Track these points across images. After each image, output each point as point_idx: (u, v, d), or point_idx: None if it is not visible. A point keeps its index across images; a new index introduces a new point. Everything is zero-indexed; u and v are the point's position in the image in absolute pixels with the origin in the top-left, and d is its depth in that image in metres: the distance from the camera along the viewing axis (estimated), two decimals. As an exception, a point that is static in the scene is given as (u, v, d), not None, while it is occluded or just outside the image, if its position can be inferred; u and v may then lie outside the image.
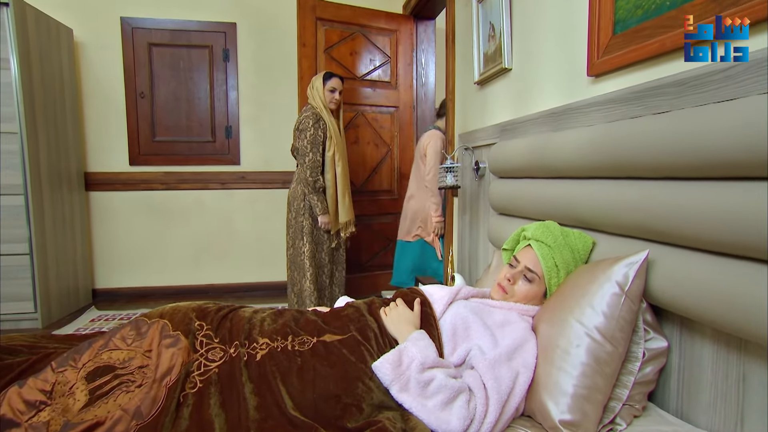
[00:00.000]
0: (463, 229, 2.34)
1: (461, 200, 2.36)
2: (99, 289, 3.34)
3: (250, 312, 1.08)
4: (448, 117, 2.53)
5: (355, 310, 1.08)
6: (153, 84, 3.23)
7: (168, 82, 3.25)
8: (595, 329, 0.91)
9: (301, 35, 2.70)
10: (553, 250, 1.12)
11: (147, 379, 0.91)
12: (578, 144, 1.18)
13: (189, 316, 1.03)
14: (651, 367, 0.95)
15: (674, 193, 0.87)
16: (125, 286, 3.36)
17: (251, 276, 3.50)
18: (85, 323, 2.78)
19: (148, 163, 3.29)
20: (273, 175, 3.46)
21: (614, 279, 0.92)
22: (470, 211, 2.23)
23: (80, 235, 3.13)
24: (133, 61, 3.19)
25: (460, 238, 2.38)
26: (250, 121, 3.40)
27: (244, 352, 0.96)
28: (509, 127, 1.75)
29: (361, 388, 0.89)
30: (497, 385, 0.89)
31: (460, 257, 2.36)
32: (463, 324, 1.03)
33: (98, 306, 3.17)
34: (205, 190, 3.39)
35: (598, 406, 0.88)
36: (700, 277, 0.81)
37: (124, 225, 3.32)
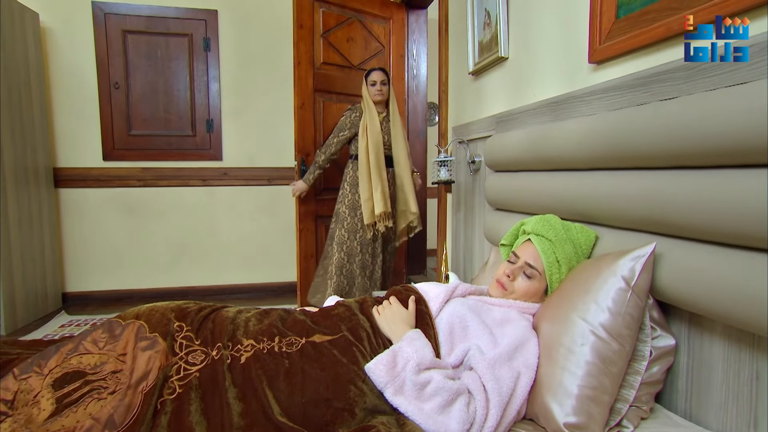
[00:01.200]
0: (457, 225, 2.33)
1: (455, 196, 2.35)
2: (70, 293, 3.27)
3: (234, 312, 1.05)
4: (441, 109, 2.52)
5: (346, 309, 1.06)
6: (128, 74, 3.16)
7: (144, 73, 3.19)
8: (601, 326, 0.89)
9: (299, 16, 2.65)
10: (554, 244, 1.11)
11: (121, 385, 0.88)
12: (580, 134, 1.17)
13: (167, 317, 1.01)
14: (658, 367, 0.94)
15: (683, 183, 0.86)
16: (98, 289, 3.29)
17: (234, 278, 3.45)
18: (54, 329, 2.71)
19: (123, 158, 3.22)
20: (257, 172, 3.42)
21: (620, 273, 0.91)
22: (465, 207, 2.22)
23: (49, 235, 3.05)
24: (107, 49, 3.12)
25: (454, 236, 2.37)
26: (233, 114, 3.35)
27: (228, 354, 0.93)
28: (506, 119, 1.74)
29: (353, 391, 0.87)
30: (498, 386, 0.87)
31: (455, 255, 2.35)
32: (460, 323, 1.02)
33: (69, 311, 3.09)
34: (184, 187, 3.33)
35: (605, 407, 0.87)
36: (711, 271, 0.80)
37: (97, 224, 3.25)
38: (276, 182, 3.44)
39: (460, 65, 2.26)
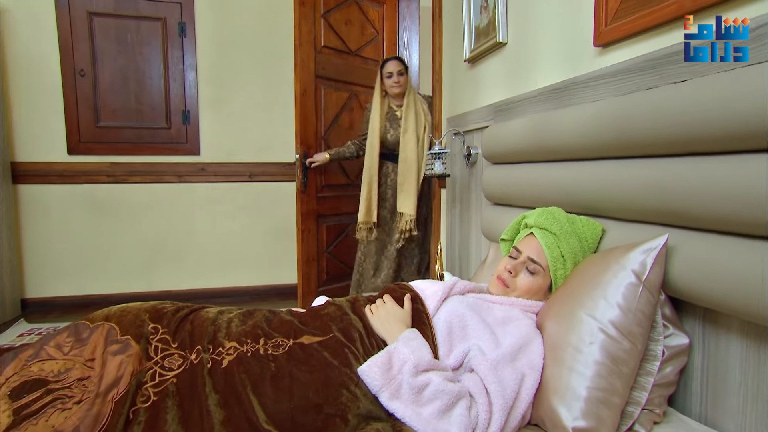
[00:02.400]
0: (452, 222, 2.32)
1: (450, 191, 2.34)
2: (30, 299, 3.19)
3: (215, 312, 1.04)
4: (435, 99, 2.51)
5: (336, 308, 1.05)
6: (95, 60, 3.10)
7: (113, 59, 3.13)
8: (610, 324, 0.89)
9: (300, -8, 2.60)
10: (558, 238, 1.10)
11: (89, 394, 0.86)
12: (585, 121, 1.17)
13: (141, 318, 0.98)
14: (671, 367, 0.94)
15: (697, 170, 0.86)
16: (62, 295, 3.22)
17: (213, 281, 3.41)
18: (12, 338, 2.64)
19: (91, 152, 3.16)
20: (237, 167, 3.38)
21: (630, 267, 0.91)
22: (460, 203, 2.21)
23: (6, 236, 2.98)
24: (71, 32, 3.05)
25: (449, 233, 2.36)
26: (211, 105, 3.31)
27: (208, 358, 0.92)
28: (504, 108, 1.74)
29: (345, 396, 0.86)
30: (501, 389, 0.87)
31: (450, 254, 2.35)
32: (459, 322, 1.01)
33: (29, 318, 3.02)
34: (158, 184, 3.28)
35: (616, 410, 0.86)
36: (729, 263, 0.80)
37: (62, 224, 3.18)
38: (258, 179, 3.41)
39: (455, 52, 2.25)
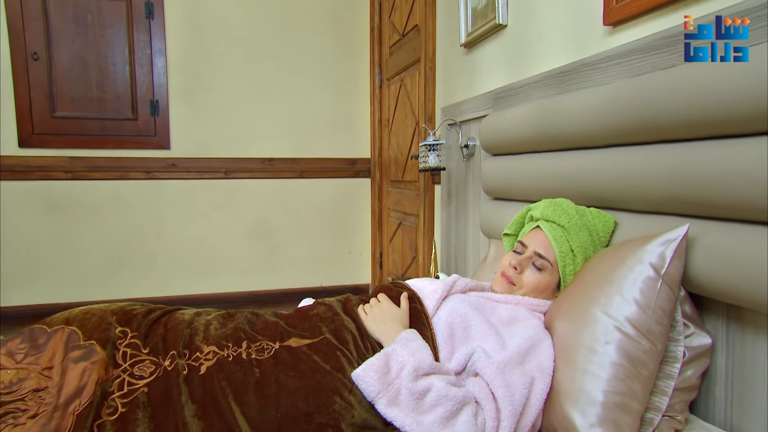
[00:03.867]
0: (448, 221, 2.32)
1: (445, 187, 2.34)
2: (-20, 308, 3.10)
3: (191, 314, 1.02)
4: (428, 88, 2.50)
5: (327, 308, 1.03)
6: (50, 43, 3.02)
7: (71, 42, 3.05)
8: (627, 322, 0.88)
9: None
10: (567, 231, 1.10)
11: (46, 407, 0.83)
12: (594, 105, 1.16)
13: (107, 321, 0.96)
14: (693, 370, 0.93)
15: (721, 154, 0.85)
16: (13, 304, 3.13)
17: (185, 288, 3.36)
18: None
19: (46, 144, 3.08)
20: (212, 163, 3.33)
21: (647, 260, 0.90)
22: (456, 199, 2.21)
23: (-43, 238, 2.89)
24: (21, 10, 2.96)
25: (445, 232, 2.36)
26: (183, 95, 3.26)
27: (184, 364, 0.90)
28: (505, 94, 1.73)
29: (338, 403, 0.85)
30: (509, 394, 0.86)
31: (445, 255, 2.34)
32: (461, 322, 1.01)
33: (-21, 329, 2.93)
34: (124, 181, 3.22)
35: (635, 417, 0.85)
36: (755, 254, 0.79)
37: (12, 225, 3.09)
38: (235, 175, 3.37)
39: (450, 37, 2.25)
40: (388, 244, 3.38)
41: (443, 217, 2.38)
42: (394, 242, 3.24)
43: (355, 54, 3.52)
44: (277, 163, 3.42)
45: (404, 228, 3.03)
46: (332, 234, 3.57)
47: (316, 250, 3.54)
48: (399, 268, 3.13)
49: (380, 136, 3.46)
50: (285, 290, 3.46)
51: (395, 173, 3.18)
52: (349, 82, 3.52)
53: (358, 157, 3.58)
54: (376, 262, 3.55)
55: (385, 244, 3.44)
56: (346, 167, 3.56)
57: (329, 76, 3.47)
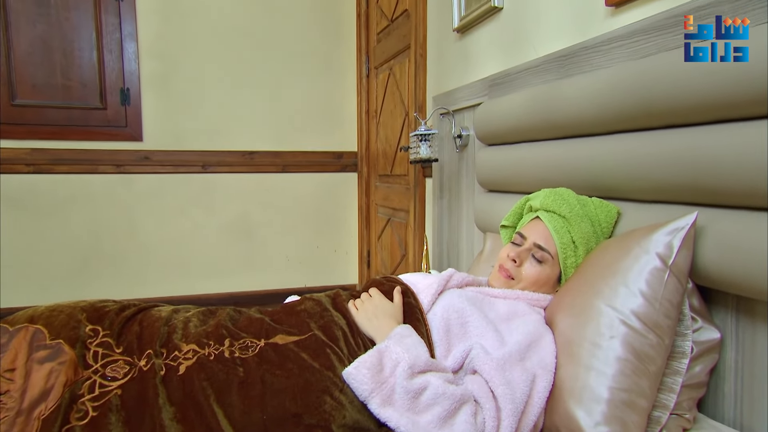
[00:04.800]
0: (440, 215, 2.32)
1: (437, 179, 2.34)
2: (-62, 312, 3.03)
3: (168, 311, 1.01)
4: (418, 76, 2.50)
5: (315, 303, 1.03)
6: (8, 26, 2.95)
7: (32, 25, 2.99)
8: (633, 315, 0.88)
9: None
10: (568, 221, 1.10)
11: (8, 411, 0.81)
12: (597, 90, 1.17)
13: (76, 318, 0.94)
14: (701, 366, 0.94)
15: (731, 138, 0.86)
16: (-25, 307, 3.08)
17: (157, 289, 3.32)
18: None
19: (5, 135, 3.00)
20: (187, 156, 3.30)
21: (654, 250, 0.91)
22: (449, 192, 2.21)
23: None
24: (-22, -8, 2.92)
25: (436, 228, 2.36)
26: (156, 82, 3.22)
27: (161, 364, 0.88)
28: (501, 81, 1.74)
29: (328, 403, 0.84)
30: (510, 391, 0.86)
31: (437, 251, 2.35)
32: (458, 318, 1.01)
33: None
34: (92, 175, 3.17)
35: (642, 414, 0.85)
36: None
37: (-27, 222, 3.04)
38: (213, 169, 3.34)
39: (442, 21, 2.25)
40: (376, 241, 3.38)
41: (435, 212, 2.38)
42: (383, 239, 3.23)
43: (341, 41, 3.51)
44: (258, 157, 3.39)
45: (393, 224, 3.02)
46: (317, 232, 3.56)
47: (300, 248, 3.53)
48: (388, 266, 3.13)
49: (367, 128, 3.45)
50: (267, 291, 3.43)
51: (384, 167, 3.17)
52: (334, 71, 3.51)
53: (344, 150, 3.57)
54: (364, 261, 3.55)
55: (373, 241, 3.43)
56: (331, 161, 3.55)
57: (314, 64, 3.46)
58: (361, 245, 3.60)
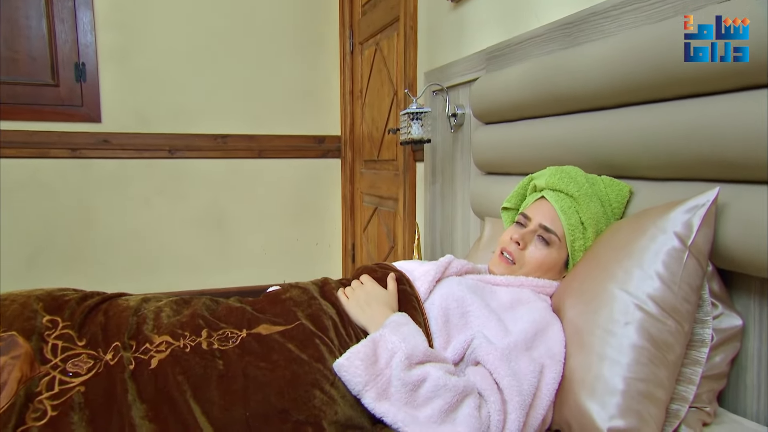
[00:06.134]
0: (433, 202, 2.32)
1: (429, 163, 2.34)
2: None
3: (137, 300, 1.00)
4: (408, 51, 2.49)
5: (301, 291, 1.03)
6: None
7: (-26, -8, 2.93)
8: (650, 299, 0.89)
9: None
10: (576, 201, 1.11)
11: None
12: (606, 59, 1.17)
13: (32, 308, 0.92)
14: (722, 355, 0.95)
15: (761, 105, 0.86)
16: None
17: (119, 286, 3.23)
18: None
19: (-58, 115, 2.96)
20: (153, 140, 3.26)
21: (672, 230, 0.91)
22: (442, 176, 2.22)
23: None
24: None
25: (429, 216, 2.37)
26: (115, 57, 3.17)
27: (130, 357, 0.87)
28: (500, 53, 1.74)
29: (318, 398, 0.84)
30: (516, 383, 0.86)
31: (429, 241, 2.35)
32: (458, 307, 1.01)
33: None
34: (44, 159, 3.12)
35: (661, 407, 0.86)
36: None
37: None
38: (181, 154, 3.31)
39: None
40: (361, 233, 3.38)
41: (427, 199, 2.39)
42: (369, 231, 3.23)
43: (322, 14, 3.49)
44: (231, 141, 3.37)
45: (381, 214, 3.02)
46: (296, 223, 3.55)
47: (278, 241, 3.52)
48: (375, 260, 3.13)
49: (352, 109, 3.44)
50: (241, 288, 3.42)
51: (370, 152, 3.17)
52: (314, 48, 3.49)
53: (326, 134, 3.55)
54: (348, 255, 3.55)
55: (358, 233, 3.43)
56: (312, 146, 3.53)
57: (293, 40, 3.43)
58: (345, 237, 3.59)
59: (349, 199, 3.51)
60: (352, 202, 3.50)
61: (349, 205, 3.51)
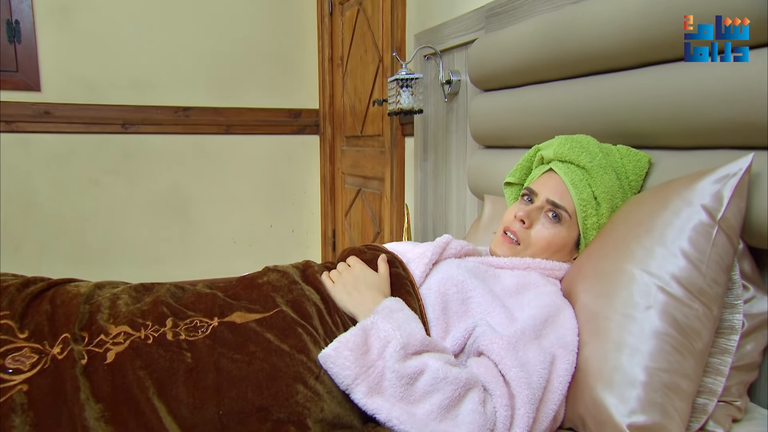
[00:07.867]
0: (424, 181, 2.33)
1: (419, 138, 2.36)
2: None
3: (90, 287, 0.99)
4: (396, 10, 2.48)
5: (281, 275, 1.03)
6: None
7: None
8: (674, 280, 0.89)
9: None
10: (589, 173, 1.11)
11: None
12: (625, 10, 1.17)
13: None
14: (753, 344, 0.96)
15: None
16: None
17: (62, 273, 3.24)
18: None
19: None
20: (103, 112, 3.24)
21: (699, 202, 0.92)
22: (435, 153, 2.22)
23: None
24: None
25: (420, 197, 2.38)
26: (56, 14, 3.13)
27: (82, 351, 0.86)
28: (501, 9, 1.74)
29: (302, 393, 0.83)
30: (525, 375, 0.86)
31: (421, 224, 2.37)
32: (458, 293, 1.02)
33: None
34: (-27, 135, 3.09)
35: (687, 401, 0.86)
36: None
37: None
38: (136, 129, 3.29)
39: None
40: (343, 218, 3.39)
41: (417, 178, 2.40)
42: (352, 215, 3.24)
43: (296, -31, 3.47)
44: (194, 114, 3.36)
45: (365, 196, 3.03)
46: (270, 208, 3.56)
47: (249, 228, 3.53)
48: (358, 249, 3.13)
49: (331, 79, 3.44)
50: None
51: (352, 126, 3.17)
52: (288, 8, 3.48)
53: (303, 107, 3.56)
54: (328, 243, 3.56)
55: (339, 218, 3.45)
56: (286, 120, 3.53)
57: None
58: (324, 223, 3.60)
59: (328, 181, 3.52)
60: (333, 184, 3.51)
61: (328, 187, 3.52)
